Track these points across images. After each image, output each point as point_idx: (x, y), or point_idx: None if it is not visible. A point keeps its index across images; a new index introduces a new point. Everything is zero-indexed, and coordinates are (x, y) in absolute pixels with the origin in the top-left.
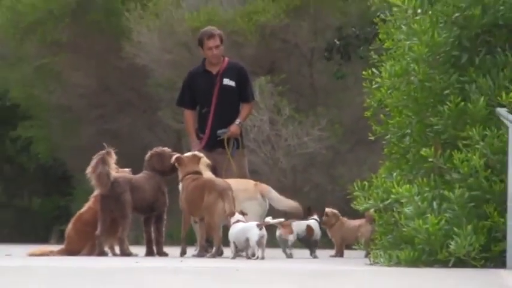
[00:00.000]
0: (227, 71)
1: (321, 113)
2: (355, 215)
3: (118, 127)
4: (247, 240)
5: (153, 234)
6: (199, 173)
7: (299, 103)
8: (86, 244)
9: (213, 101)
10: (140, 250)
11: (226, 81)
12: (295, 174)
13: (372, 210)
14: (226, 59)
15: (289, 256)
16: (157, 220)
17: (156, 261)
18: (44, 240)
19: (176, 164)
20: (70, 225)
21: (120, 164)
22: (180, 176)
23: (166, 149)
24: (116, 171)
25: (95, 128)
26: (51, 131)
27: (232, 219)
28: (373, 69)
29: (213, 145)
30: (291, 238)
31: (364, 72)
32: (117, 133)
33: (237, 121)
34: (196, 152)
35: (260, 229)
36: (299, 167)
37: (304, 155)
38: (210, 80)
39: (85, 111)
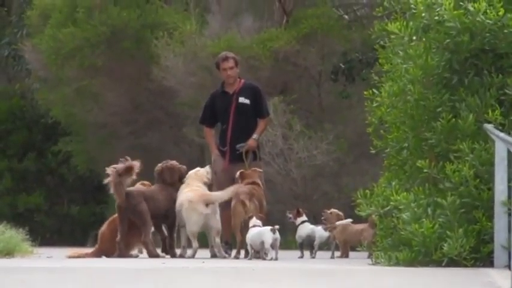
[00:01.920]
0: (242, 90)
1: (328, 128)
2: (358, 220)
3: (147, 142)
4: (262, 243)
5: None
6: None
7: (309, 120)
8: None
9: (230, 118)
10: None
11: (242, 100)
12: (305, 183)
13: (373, 216)
14: (243, 80)
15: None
16: (170, 226)
17: (180, 263)
18: (82, 243)
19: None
20: (105, 226)
21: (149, 174)
22: None
23: (175, 163)
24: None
25: (127, 142)
26: (88, 146)
27: (250, 224)
28: (374, 90)
29: (233, 159)
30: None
31: (366, 92)
32: (147, 147)
33: (254, 135)
34: (201, 169)
35: (274, 233)
36: (309, 177)
37: (313, 166)
38: (227, 100)
39: (118, 128)
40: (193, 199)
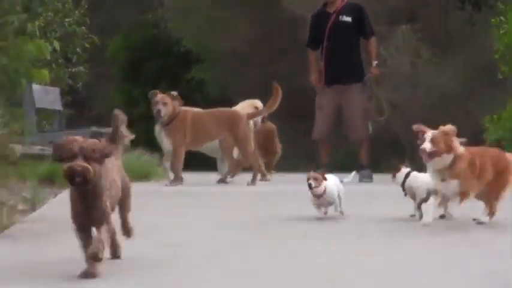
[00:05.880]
0: (344, 9)
1: (455, 56)
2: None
3: (276, 70)
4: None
5: None
6: None
7: (436, 47)
8: None
9: (330, 36)
10: None
11: (342, 17)
12: (433, 109)
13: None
14: (346, 0)
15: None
16: None
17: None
18: (213, 168)
19: None
20: None
21: (281, 104)
22: None
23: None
24: None
25: (257, 70)
26: (220, 73)
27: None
28: (501, 18)
29: (330, 80)
30: None
31: (493, 20)
32: (276, 75)
33: (374, 63)
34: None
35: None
36: (436, 103)
37: (440, 93)
38: (328, 18)
39: (249, 56)
40: None
